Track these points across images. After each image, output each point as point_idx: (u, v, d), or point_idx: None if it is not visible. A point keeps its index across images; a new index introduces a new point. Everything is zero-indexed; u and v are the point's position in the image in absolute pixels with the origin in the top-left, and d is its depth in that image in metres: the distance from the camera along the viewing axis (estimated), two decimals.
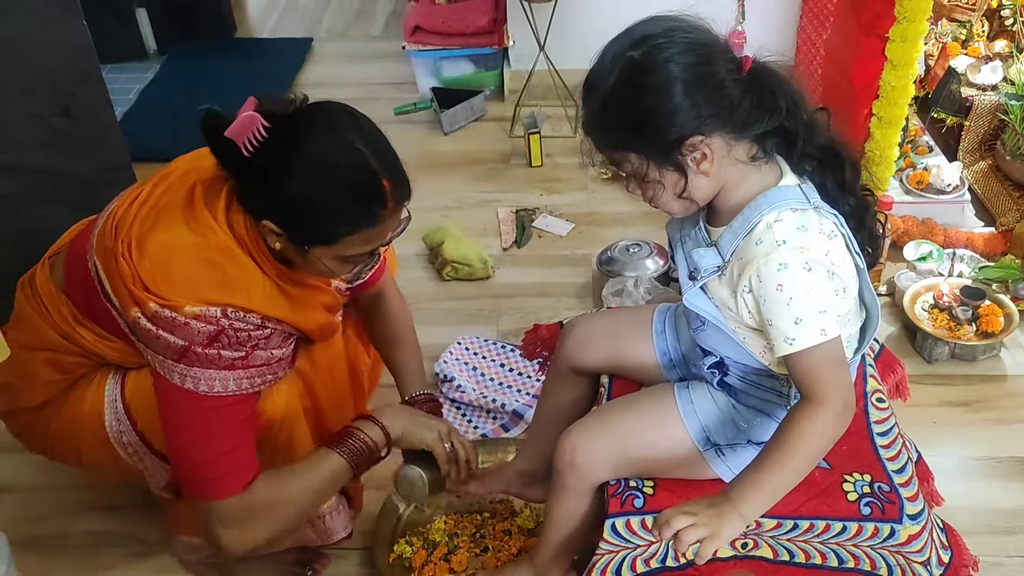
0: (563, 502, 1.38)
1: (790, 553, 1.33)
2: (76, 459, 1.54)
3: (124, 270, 1.25)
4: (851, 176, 1.20)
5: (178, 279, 1.24)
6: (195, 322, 1.23)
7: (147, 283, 1.24)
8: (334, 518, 1.55)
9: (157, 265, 1.25)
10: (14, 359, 1.45)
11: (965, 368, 2.07)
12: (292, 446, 1.46)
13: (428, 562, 1.65)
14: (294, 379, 1.43)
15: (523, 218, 2.64)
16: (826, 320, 1.12)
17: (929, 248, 2.29)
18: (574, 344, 1.49)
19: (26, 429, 1.49)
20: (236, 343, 1.26)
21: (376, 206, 1.25)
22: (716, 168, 1.13)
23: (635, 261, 2.24)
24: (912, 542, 1.28)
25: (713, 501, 1.15)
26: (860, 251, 1.19)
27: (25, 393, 1.45)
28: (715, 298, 1.20)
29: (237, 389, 1.28)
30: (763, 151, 1.16)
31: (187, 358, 1.24)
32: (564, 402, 1.55)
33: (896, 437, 1.40)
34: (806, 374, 1.13)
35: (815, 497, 1.30)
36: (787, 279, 1.11)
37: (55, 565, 1.73)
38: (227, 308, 1.25)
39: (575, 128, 3.07)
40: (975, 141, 2.59)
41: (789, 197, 1.15)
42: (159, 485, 1.51)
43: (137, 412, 1.41)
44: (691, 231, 1.25)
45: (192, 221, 1.28)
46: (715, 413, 1.29)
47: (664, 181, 1.16)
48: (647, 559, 1.34)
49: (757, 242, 1.13)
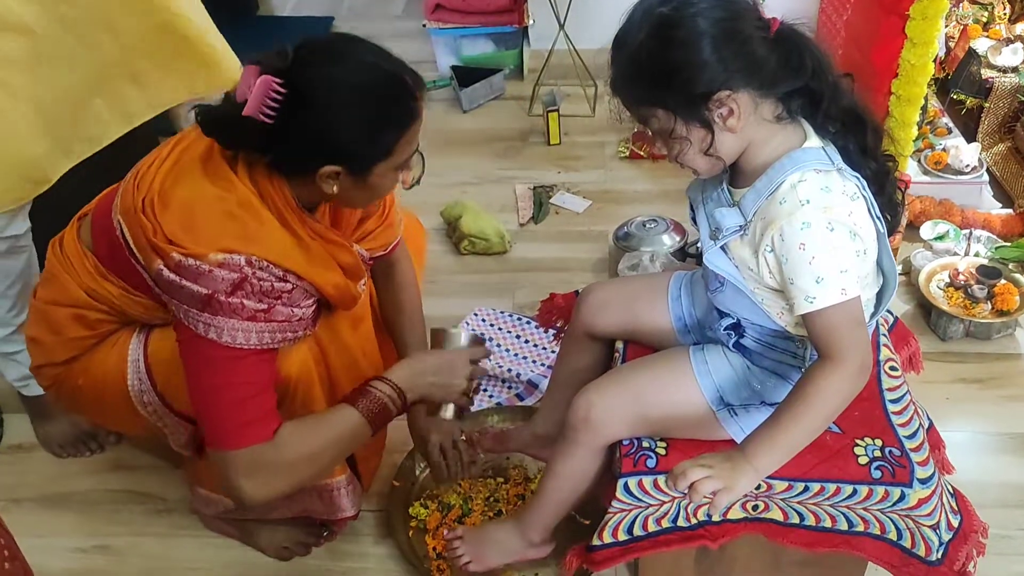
0: (570, 459, 1.40)
1: (800, 515, 1.34)
2: (100, 415, 1.58)
3: (146, 224, 1.28)
4: (873, 141, 1.21)
5: (201, 229, 1.26)
6: (219, 270, 1.25)
7: (169, 235, 1.26)
8: (343, 495, 1.58)
9: (180, 217, 1.27)
10: (44, 315, 1.48)
11: (979, 346, 2.08)
12: (309, 410, 1.47)
13: (443, 524, 1.68)
14: (311, 343, 1.45)
15: (540, 195, 2.66)
16: (847, 280, 1.13)
17: (946, 228, 2.29)
18: (590, 309, 1.52)
19: (55, 382, 1.52)
20: (259, 293, 1.28)
21: (410, 100, 1.29)
22: (742, 124, 1.15)
23: (651, 236, 2.26)
24: (922, 506, 1.30)
25: (728, 455, 1.17)
26: (880, 216, 1.20)
27: (54, 348, 1.48)
28: (735, 258, 1.22)
29: (259, 343, 1.30)
30: (788, 111, 1.17)
31: (211, 307, 1.26)
32: (580, 367, 1.57)
33: (908, 404, 1.41)
34: (825, 333, 1.15)
35: (826, 460, 1.32)
36: (809, 238, 1.12)
37: (80, 522, 1.77)
38: (251, 257, 1.27)
39: (593, 107, 3.09)
40: (994, 123, 2.58)
41: (813, 158, 1.16)
42: (180, 443, 1.54)
43: (158, 372, 1.44)
44: (713, 192, 1.26)
45: (213, 175, 1.29)
46: (730, 374, 1.30)
47: (691, 137, 1.17)
48: (659, 518, 1.36)
49: (781, 201, 1.14)
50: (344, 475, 1.57)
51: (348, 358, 1.54)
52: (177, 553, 1.71)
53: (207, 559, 1.69)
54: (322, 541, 1.70)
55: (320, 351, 1.49)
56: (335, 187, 1.30)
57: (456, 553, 1.54)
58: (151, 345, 1.45)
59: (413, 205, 2.52)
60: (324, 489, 1.56)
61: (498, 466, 1.81)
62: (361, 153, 1.28)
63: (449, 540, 1.56)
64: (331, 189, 1.30)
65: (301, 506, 1.59)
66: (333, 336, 1.52)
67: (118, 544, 1.73)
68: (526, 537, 1.51)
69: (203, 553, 1.70)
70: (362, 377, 1.54)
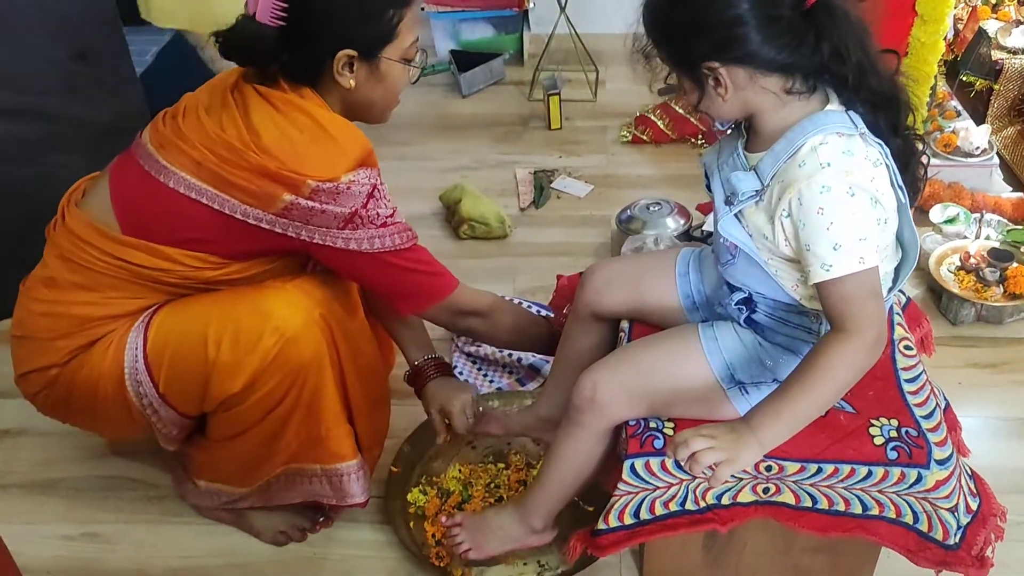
0: (574, 441, 1.35)
1: (812, 499, 1.30)
2: (91, 418, 1.53)
3: (255, 163, 1.29)
4: (904, 119, 1.17)
5: (312, 158, 1.32)
6: (353, 187, 1.33)
7: (293, 168, 1.30)
8: (353, 480, 1.53)
9: (288, 154, 1.31)
10: (49, 308, 1.42)
11: (991, 331, 2.03)
12: (317, 399, 1.43)
13: (441, 510, 1.63)
14: (323, 326, 1.42)
15: (541, 179, 2.61)
16: (865, 248, 1.08)
17: (956, 211, 2.24)
18: (595, 288, 1.47)
19: (46, 387, 1.46)
20: (384, 198, 1.39)
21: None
22: (732, 95, 1.13)
23: (655, 219, 2.21)
24: (939, 488, 1.25)
25: (733, 426, 1.13)
26: (902, 186, 1.15)
27: (51, 347, 1.42)
28: (750, 226, 1.17)
29: (392, 245, 1.40)
30: (803, 85, 1.12)
31: (352, 223, 1.35)
32: (584, 348, 1.52)
33: (924, 384, 1.36)
34: (840, 303, 1.10)
35: (840, 440, 1.27)
36: (829, 202, 1.07)
37: (69, 509, 1.72)
38: (368, 170, 1.36)
39: (595, 92, 3.04)
40: (1004, 106, 2.54)
41: (836, 121, 1.12)
42: (170, 436, 1.50)
43: (156, 364, 1.39)
44: (729, 158, 1.22)
45: (276, 111, 1.33)
46: (740, 350, 1.26)
47: (684, 87, 1.17)
48: (666, 501, 1.32)
49: (800, 164, 1.10)
50: (356, 459, 1.52)
51: (353, 346, 1.50)
52: (168, 540, 1.66)
53: (199, 546, 1.64)
54: (318, 527, 1.65)
55: (332, 336, 1.44)
56: (352, 80, 1.35)
57: (455, 540, 1.49)
58: (151, 336, 1.39)
59: (410, 189, 2.49)
60: (334, 473, 1.51)
61: (499, 451, 1.76)
62: (367, 32, 1.33)
63: (448, 527, 1.52)
64: (348, 82, 1.35)
65: (308, 492, 1.55)
66: (339, 323, 1.47)
67: (107, 531, 1.68)
68: (527, 523, 1.46)
69: (195, 540, 1.65)
70: (368, 367, 1.52)
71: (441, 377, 1.65)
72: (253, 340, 1.35)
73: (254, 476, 1.53)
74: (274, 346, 1.35)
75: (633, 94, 2.98)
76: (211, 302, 1.39)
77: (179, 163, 1.34)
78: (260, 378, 1.37)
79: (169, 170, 1.34)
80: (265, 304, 1.37)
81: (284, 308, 1.37)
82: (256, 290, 1.41)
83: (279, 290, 1.40)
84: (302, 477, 1.52)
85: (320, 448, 1.48)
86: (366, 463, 1.56)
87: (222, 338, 1.35)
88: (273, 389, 1.39)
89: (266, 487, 1.54)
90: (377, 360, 1.59)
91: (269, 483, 1.53)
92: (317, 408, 1.44)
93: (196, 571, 1.60)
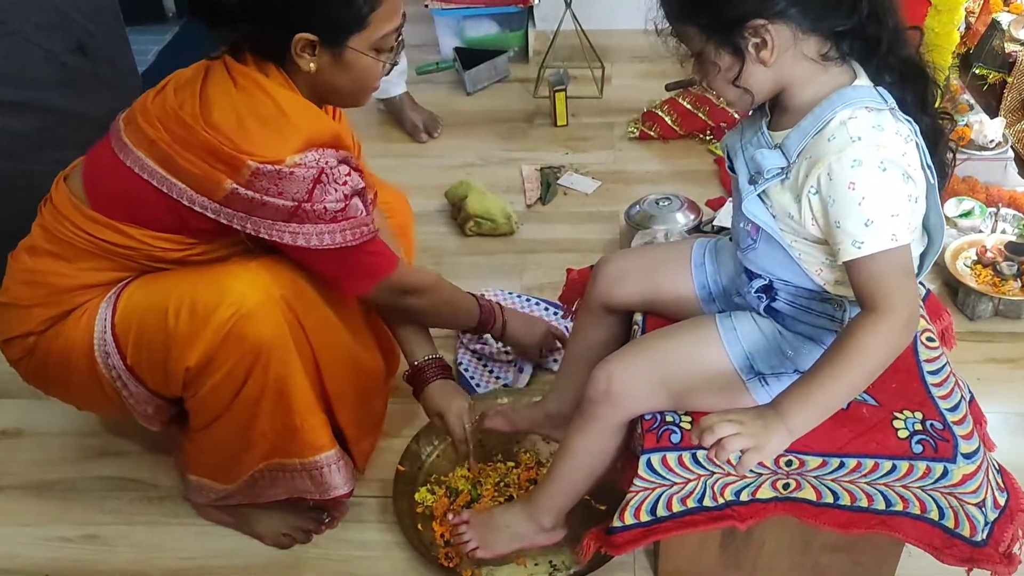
0: (587, 435, 1.31)
1: (834, 494, 1.26)
2: (66, 390, 1.51)
3: (204, 142, 1.25)
4: (932, 96, 1.13)
5: (258, 137, 1.26)
6: (298, 170, 1.26)
7: (237, 145, 1.25)
8: (333, 471, 1.49)
9: (234, 131, 1.25)
10: (31, 274, 1.41)
11: (1010, 325, 1.99)
12: (285, 385, 1.38)
13: (450, 510, 1.59)
14: (284, 309, 1.37)
15: (548, 175, 2.57)
16: (898, 225, 1.04)
17: (971, 205, 2.20)
18: (607, 280, 1.43)
19: (26, 354, 1.45)
20: (335, 183, 1.30)
21: None
22: (776, 59, 1.07)
23: (665, 214, 2.18)
24: (966, 482, 1.21)
25: (760, 412, 1.08)
26: (931, 166, 1.11)
27: (32, 313, 1.41)
28: (774, 206, 1.13)
29: (343, 242, 1.34)
30: (837, 51, 1.08)
31: (297, 217, 1.29)
32: (595, 342, 1.48)
33: (948, 376, 1.32)
34: (871, 282, 1.05)
35: (863, 434, 1.23)
36: (860, 177, 1.03)
37: (67, 510, 1.68)
38: (317, 148, 1.29)
39: (601, 89, 3.00)
40: (1017, 99, 2.50)
41: (865, 96, 1.08)
42: (145, 414, 1.47)
43: (124, 335, 1.37)
44: (753, 137, 1.17)
45: (234, 86, 1.28)
46: (760, 340, 1.22)
47: (720, 63, 1.09)
48: (683, 498, 1.28)
49: (830, 138, 1.06)
50: (333, 449, 1.48)
51: (327, 335, 1.46)
52: (169, 542, 1.61)
53: (201, 548, 1.60)
54: (323, 527, 1.61)
55: (297, 321, 1.40)
56: (312, 64, 1.29)
57: (462, 539, 1.45)
58: (119, 307, 1.38)
59: (414, 186, 2.44)
60: (313, 467, 1.47)
61: (508, 450, 1.72)
62: (333, 17, 1.27)
63: (454, 525, 1.48)
64: (308, 66, 1.29)
65: (291, 487, 1.51)
66: (309, 308, 1.43)
67: (107, 533, 1.64)
68: (536, 521, 1.42)
69: (197, 542, 1.61)
70: (348, 357, 1.49)
71: (441, 380, 1.62)
72: (208, 313, 1.32)
73: (236, 470, 1.49)
74: (229, 320, 1.32)
75: (639, 90, 2.94)
76: (177, 277, 1.38)
77: (136, 141, 1.31)
78: (217, 355, 1.34)
79: (128, 148, 1.32)
80: (225, 280, 1.35)
81: (243, 285, 1.34)
82: (221, 267, 1.38)
83: (243, 268, 1.37)
84: (283, 473, 1.49)
85: (297, 440, 1.44)
86: (348, 455, 1.53)
87: (180, 310, 1.32)
88: (233, 368, 1.35)
89: (252, 483, 1.50)
90: (362, 352, 1.55)
91: (255, 479, 1.49)
92: (287, 394, 1.39)
93: (198, 572, 1.56)
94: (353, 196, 1.34)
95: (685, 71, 1.20)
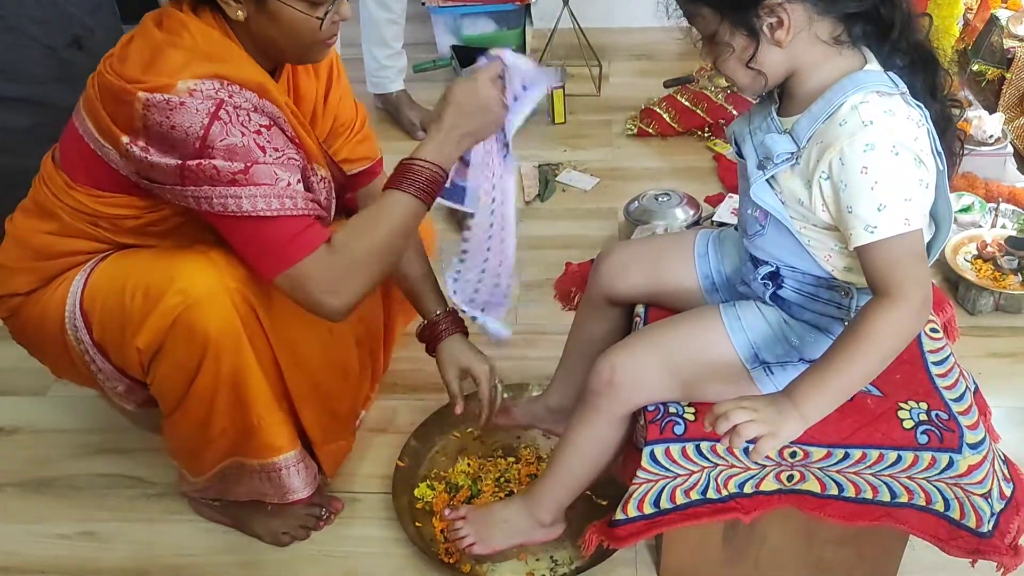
0: (589, 428, 1.30)
1: (839, 486, 1.25)
2: (42, 353, 1.50)
3: (106, 84, 1.21)
4: (942, 82, 1.13)
5: (163, 65, 1.18)
6: (190, 99, 1.16)
7: (129, 75, 1.19)
8: (291, 474, 1.46)
9: (139, 61, 1.20)
10: (22, 238, 1.41)
11: (1010, 320, 1.99)
12: (240, 379, 1.35)
13: (448, 505, 1.58)
14: (239, 302, 1.33)
15: (546, 172, 2.57)
16: (911, 210, 1.04)
17: (971, 200, 2.20)
18: (610, 272, 1.42)
19: (11, 314, 1.45)
20: (240, 124, 1.18)
21: None
22: (791, 40, 1.06)
23: (664, 210, 2.17)
24: (972, 473, 1.20)
25: (773, 399, 1.07)
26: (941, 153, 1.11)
27: (20, 275, 1.41)
28: (783, 192, 1.12)
29: (252, 209, 1.20)
30: (849, 34, 1.08)
31: (185, 176, 1.18)
32: (596, 335, 1.47)
33: (953, 366, 1.31)
34: (885, 267, 1.05)
35: (868, 424, 1.22)
36: (873, 161, 1.03)
37: (65, 507, 1.67)
38: (222, 79, 1.19)
39: (599, 86, 3.00)
40: (1016, 95, 2.49)
41: (875, 81, 1.07)
42: (117, 392, 1.45)
43: (91, 312, 1.35)
44: (762, 123, 1.17)
45: (159, 28, 1.23)
46: (765, 329, 1.21)
47: (734, 44, 1.08)
48: (687, 489, 1.27)
49: (841, 123, 1.05)
50: (293, 451, 1.45)
51: (289, 332, 1.42)
52: (167, 539, 1.60)
53: (199, 545, 1.59)
54: (321, 524, 1.59)
55: (253, 315, 1.36)
56: (240, 11, 1.22)
57: (459, 534, 1.43)
58: (89, 283, 1.36)
59: None
60: (272, 468, 1.44)
61: (508, 446, 1.71)
62: None
63: (451, 520, 1.46)
64: (236, 14, 1.22)
65: (251, 489, 1.48)
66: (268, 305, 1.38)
67: (104, 530, 1.62)
68: (535, 516, 1.41)
69: (195, 539, 1.60)
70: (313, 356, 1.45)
71: (458, 335, 1.56)
72: (158, 297, 1.29)
73: (201, 463, 1.47)
74: (176, 307, 1.28)
75: (637, 87, 2.94)
76: (141, 257, 1.35)
77: (82, 100, 1.30)
78: (166, 341, 1.31)
79: (77, 107, 1.32)
80: (178, 265, 1.31)
81: (193, 272, 1.30)
82: (180, 251, 1.34)
83: (199, 254, 1.33)
84: (244, 473, 1.46)
85: (255, 439, 1.41)
86: (308, 456, 1.50)
87: (136, 291, 1.30)
88: (183, 358, 1.32)
89: (221, 478, 1.48)
90: (333, 351, 1.51)
91: (224, 474, 1.47)
92: (242, 390, 1.36)
93: (196, 569, 1.55)
94: (258, 160, 1.20)
95: (683, 68, 1.19)
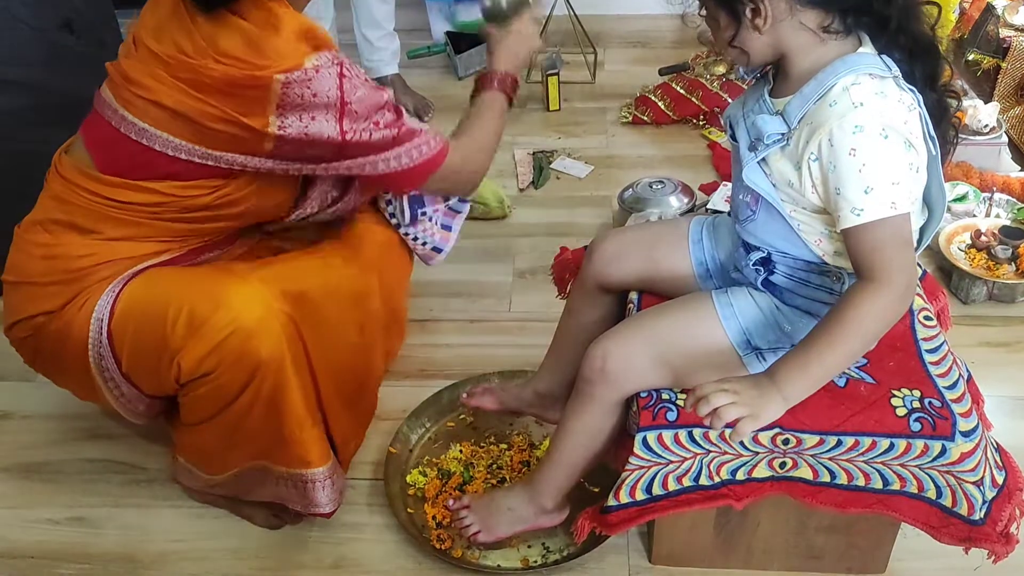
0: (584, 415, 1.30)
1: (831, 473, 1.25)
2: (60, 375, 1.47)
3: (222, 75, 1.20)
4: (940, 72, 1.13)
5: (270, 50, 1.21)
6: (320, 70, 1.23)
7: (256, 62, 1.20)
8: (318, 489, 1.44)
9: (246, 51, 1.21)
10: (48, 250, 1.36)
11: (1003, 309, 1.99)
12: (279, 398, 1.35)
13: (442, 492, 1.57)
14: (284, 321, 1.34)
15: (540, 160, 2.56)
16: (898, 193, 1.03)
17: (965, 189, 2.20)
18: (603, 259, 1.41)
19: (32, 333, 1.39)
20: (356, 77, 1.27)
21: None
22: (771, 27, 1.07)
23: (659, 197, 2.16)
24: (964, 460, 1.20)
25: (755, 380, 1.07)
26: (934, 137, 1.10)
27: (45, 293, 1.36)
28: (775, 174, 1.12)
29: (398, 166, 1.36)
30: (841, 24, 1.07)
31: (346, 151, 1.30)
32: (588, 322, 1.47)
33: (946, 354, 1.31)
34: (870, 251, 1.04)
35: (861, 411, 1.22)
36: (861, 143, 1.02)
37: (54, 493, 1.66)
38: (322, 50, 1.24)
39: (594, 73, 2.98)
40: (1011, 85, 2.49)
41: (868, 63, 1.07)
42: (136, 411, 1.44)
43: (122, 336, 1.32)
44: (755, 104, 1.17)
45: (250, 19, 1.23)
46: (757, 315, 1.20)
47: (719, 20, 1.11)
48: (679, 476, 1.26)
49: (831, 104, 1.05)
50: (324, 466, 1.44)
51: (325, 341, 1.43)
52: (157, 524, 1.59)
53: (189, 530, 1.58)
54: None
55: (297, 334, 1.37)
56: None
57: (464, 523, 1.43)
58: (118, 308, 1.32)
59: None
60: (299, 479, 1.43)
61: (500, 432, 1.70)
62: None
63: (455, 510, 1.46)
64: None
65: (275, 492, 1.48)
66: (307, 317, 1.39)
67: (94, 515, 1.61)
68: (537, 503, 1.41)
69: (186, 524, 1.59)
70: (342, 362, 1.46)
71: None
72: (204, 324, 1.27)
73: (221, 466, 1.47)
74: (226, 333, 1.27)
75: (632, 75, 2.93)
76: (178, 280, 1.34)
77: (139, 112, 1.26)
78: (213, 367, 1.29)
79: (128, 121, 1.27)
80: (221, 290, 1.30)
81: (243, 298, 1.30)
82: (217, 273, 1.35)
83: (238, 279, 1.33)
84: (269, 476, 1.45)
85: (286, 450, 1.40)
86: (339, 466, 1.50)
87: (178, 318, 1.28)
88: (228, 382, 1.31)
89: (238, 478, 1.48)
90: (361, 352, 1.52)
91: (241, 474, 1.47)
92: (279, 409, 1.36)
93: (187, 555, 1.54)
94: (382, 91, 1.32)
95: (678, 56, 1.20)
